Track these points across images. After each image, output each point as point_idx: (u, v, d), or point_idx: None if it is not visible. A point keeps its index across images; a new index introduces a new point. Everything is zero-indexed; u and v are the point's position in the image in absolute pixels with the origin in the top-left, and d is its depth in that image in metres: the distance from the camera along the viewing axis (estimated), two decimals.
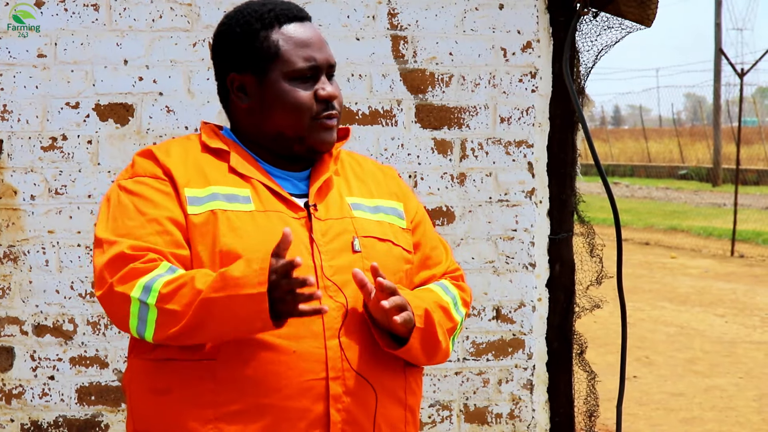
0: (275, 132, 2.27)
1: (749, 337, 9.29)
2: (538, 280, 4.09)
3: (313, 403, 2.13)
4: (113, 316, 2.16)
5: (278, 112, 2.26)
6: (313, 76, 2.27)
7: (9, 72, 3.81)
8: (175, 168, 2.22)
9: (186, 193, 2.19)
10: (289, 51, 2.26)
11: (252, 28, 2.27)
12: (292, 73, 2.25)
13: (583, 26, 4.06)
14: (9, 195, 3.83)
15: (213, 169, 2.24)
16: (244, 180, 2.24)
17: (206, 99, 3.87)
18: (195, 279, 2.07)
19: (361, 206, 2.31)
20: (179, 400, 2.13)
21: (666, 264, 14.21)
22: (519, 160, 4.06)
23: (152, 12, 3.85)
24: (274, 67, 2.26)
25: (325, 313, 2.04)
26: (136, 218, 2.16)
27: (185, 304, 2.06)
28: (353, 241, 2.23)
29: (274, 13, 2.28)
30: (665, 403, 7.06)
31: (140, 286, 2.09)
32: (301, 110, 2.25)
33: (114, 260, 2.12)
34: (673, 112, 38.96)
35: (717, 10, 28.98)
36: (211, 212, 2.17)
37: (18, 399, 3.86)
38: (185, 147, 2.29)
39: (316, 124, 2.26)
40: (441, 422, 4.06)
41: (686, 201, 24.12)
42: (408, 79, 3.99)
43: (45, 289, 3.84)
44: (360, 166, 2.43)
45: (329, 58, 2.30)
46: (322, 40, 2.31)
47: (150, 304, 2.08)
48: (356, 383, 2.16)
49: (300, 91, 2.25)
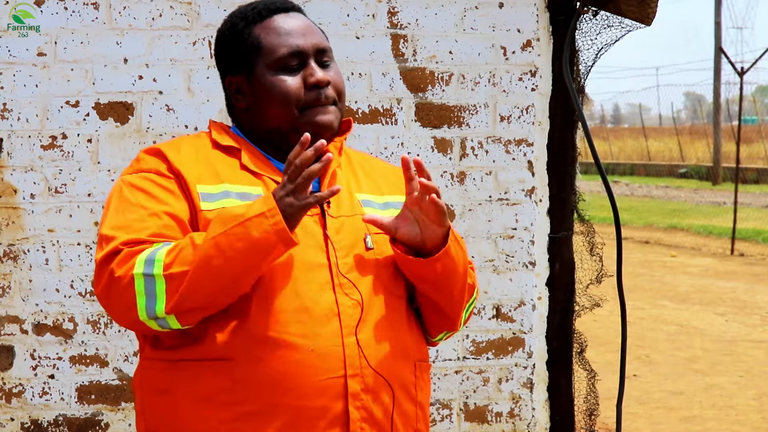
0: (272, 128, 2.25)
1: (749, 336, 9.29)
2: (538, 279, 4.09)
3: (332, 402, 2.11)
4: (117, 306, 2.09)
5: (269, 106, 2.23)
6: (301, 64, 2.23)
7: (9, 71, 3.81)
8: (185, 165, 2.20)
9: (199, 190, 2.17)
10: (270, 41, 2.23)
11: (237, 29, 2.27)
12: (275, 63, 2.22)
13: (583, 25, 4.06)
14: (9, 194, 3.83)
15: (225, 166, 2.23)
16: (257, 177, 2.22)
17: (206, 98, 3.87)
18: (193, 238, 2.05)
19: (371, 203, 2.30)
20: (194, 400, 2.11)
21: (666, 262, 14.21)
22: (519, 159, 4.06)
23: (152, 11, 3.85)
24: (258, 61, 2.24)
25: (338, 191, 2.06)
26: (137, 212, 2.14)
27: (190, 261, 2.03)
28: (365, 238, 2.22)
29: (257, 9, 2.27)
30: (665, 401, 7.06)
31: (141, 261, 2.05)
32: (288, 99, 2.21)
33: (111, 253, 2.09)
34: (673, 110, 38.99)
35: (717, 8, 28.98)
36: (224, 209, 2.14)
37: (18, 398, 3.86)
38: (196, 144, 2.27)
39: (306, 113, 2.22)
40: (441, 421, 4.06)
41: (686, 199, 24.12)
42: (408, 78, 3.99)
43: (45, 288, 3.84)
44: (369, 163, 2.42)
45: (318, 43, 2.25)
46: (308, 27, 2.27)
47: (156, 275, 2.03)
48: (374, 380, 2.15)
49: (286, 80, 2.22)
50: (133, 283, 2.05)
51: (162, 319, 2.07)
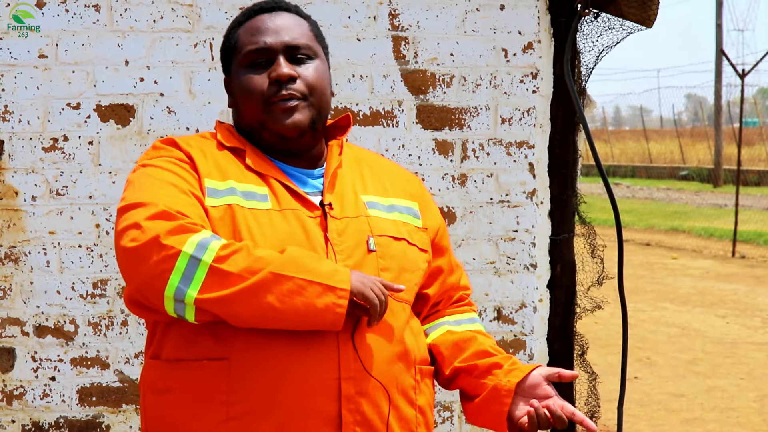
0: (249, 124, 2.29)
1: (750, 338, 9.29)
2: (539, 281, 4.09)
3: (326, 404, 2.11)
4: (148, 270, 2.03)
5: (242, 103, 2.28)
6: (269, 61, 2.26)
7: (10, 73, 3.81)
8: (197, 157, 2.22)
9: (206, 184, 2.18)
10: (243, 40, 2.29)
11: (229, 31, 2.34)
12: (243, 60, 2.27)
13: (584, 27, 4.06)
14: (10, 196, 3.83)
15: (231, 165, 2.24)
16: (262, 179, 2.23)
17: (207, 100, 3.87)
18: (250, 248, 2.04)
19: (376, 205, 2.30)
20: (191, 399, 2.12)
21: (667, 265, 14.21)
22: (520, 161, 4.06)
23: (153, 13, 3.85)
24: (234, 60, 2.30)
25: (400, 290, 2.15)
26: (168, 188, 2.12)
27: (243, 269, 2.01)
28: (368, 240, 2.23)
29: (249, 11, 2.33)
30: (666, 403, 7.06)
31: (193, 242, 2.03)
32: (252, 94, 2.24)
33: (158, 215, 2.06)
34: (674, 112, 39.04)
35: (718, 10, 28.97)
36: (228, 206, 2.16)
37: (19, 400, 3.86)
38: (202, 143, 2.30)
39: (271, 108, 2.24)
40: (442, 423, 4.06)
41: (687, 202, 24.12)
42: (409, 80, 3.99)
43: (46, 290, 3.84)
44: (377, 163, 2.42)
45: (290, 40, 2.26)
46: (286, 26, 2.28)
47: (205, 262, 2.01)
48: (369, 384, 2.15)
49: (253, 77, 2.25)
50: (176, 258, 2.02)
51: (182, 305, 2.05)
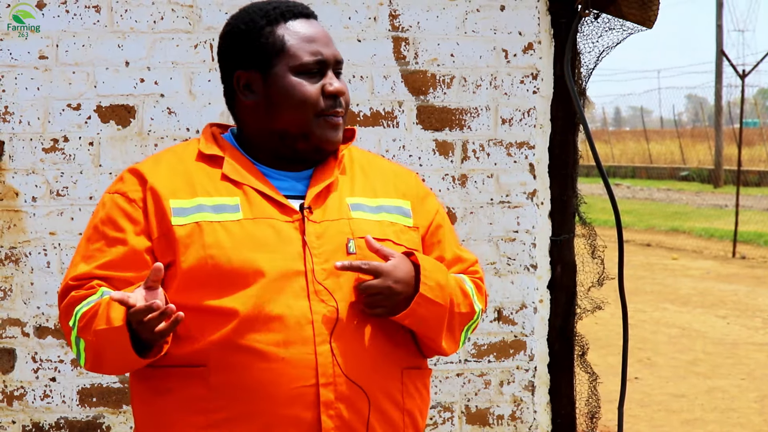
0: (280, 129, 2.23)
1: (751, 339, 9.29)
2: (540, 282, 4.09)
3: (304, 411, 2.11)
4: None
5: (283, 108, 2.23)
6: (320, 71, 2.25)
7: (10, 74, 3.81)
8: (162, 180, 2.22)
9: (171, 205, 2.18)
10: (295, 45, 2.24)
11: (257, 25, 2.26)
12: (298, 67, 2.23)
13: (585, 28, 4.06)
14: (10, 197, 3.83)
15: (204, 177, 2.23)
16: (236, 186, 2.22)
17: (207, 101, 3.87)
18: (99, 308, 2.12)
19: (361, 206, 2.28)
20: (172, 405, 2.14)
21: (667, 265, 14.20)
22: (520, 162, 4.06)
23: (153, 14, 3.85)
24: (279, 62, 2.24)
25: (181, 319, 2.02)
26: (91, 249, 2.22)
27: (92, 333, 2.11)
28: (348, 243, 2.20)
29: (280, 10, 2.27)
30: (667, 404, 7.06)
31: (74, 315, 2.16)
32: (306, 105, 2.22)
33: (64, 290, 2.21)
34: (675, 113, 39.04)
35: (718, 11, 28.97)
36: (196, 224, 2.16)
37: (19, 400, 3.86)
38: (180, 156, 2.28)
39: (321, 121, 2.23)
40: (443, 424, 4.06)
41: (688, 202, 24.12)
42: (409, 81, 3.99)
43: (46, 291, 3.84)
44: (371, 164, 2.39)
45: (336, 54, 2.29)
46: (328, 37, 2.30)
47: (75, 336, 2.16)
48: (348, 389, 2.14)
49: (307, 85, 2.23)
50: (70, 333, 2.18)
51: None
